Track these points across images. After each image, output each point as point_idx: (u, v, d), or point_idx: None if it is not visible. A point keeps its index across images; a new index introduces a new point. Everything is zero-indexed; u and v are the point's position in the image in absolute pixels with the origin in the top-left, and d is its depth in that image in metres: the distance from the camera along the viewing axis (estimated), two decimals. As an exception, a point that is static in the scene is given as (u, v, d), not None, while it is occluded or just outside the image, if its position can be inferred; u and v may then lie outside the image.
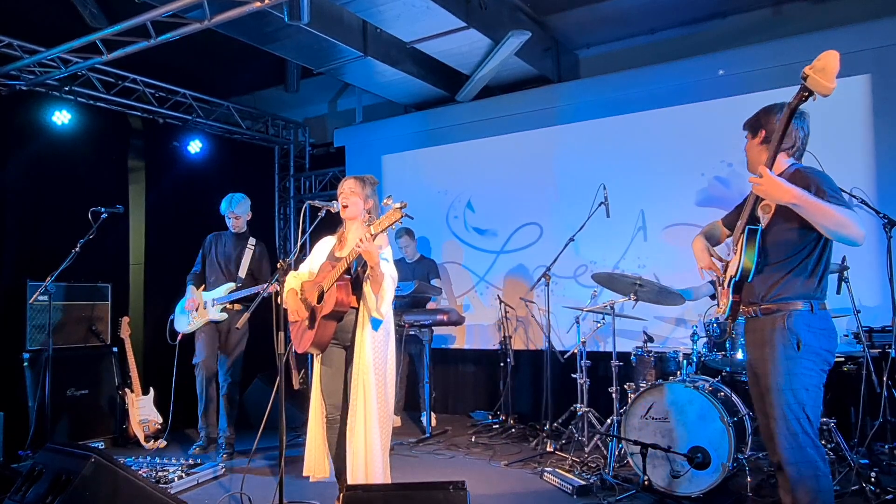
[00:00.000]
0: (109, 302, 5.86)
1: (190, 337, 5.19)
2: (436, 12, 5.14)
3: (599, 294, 5.20)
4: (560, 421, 5.37)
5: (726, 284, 2.72)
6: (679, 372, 4.36)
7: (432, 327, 5.78)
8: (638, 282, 4.46)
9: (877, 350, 4.25)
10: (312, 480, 3.51)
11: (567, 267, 6.01)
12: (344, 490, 2.86)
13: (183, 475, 4.15)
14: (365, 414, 3.24)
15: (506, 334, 5.99)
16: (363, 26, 5.67)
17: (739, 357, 4.01)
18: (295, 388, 5.99)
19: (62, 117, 5.82)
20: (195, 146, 6.99)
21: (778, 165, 2.59)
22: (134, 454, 4.98)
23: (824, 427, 3.89)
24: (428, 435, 5.60)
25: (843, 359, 4.44)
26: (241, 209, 5.17)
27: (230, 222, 5.18)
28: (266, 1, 4.41)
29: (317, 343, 3.34)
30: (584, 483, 3.88)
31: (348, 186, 3.50)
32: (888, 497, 3.52)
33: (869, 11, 5.16)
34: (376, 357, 3.30)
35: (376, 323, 3.30)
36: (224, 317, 5.06)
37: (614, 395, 4.56)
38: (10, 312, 5.32)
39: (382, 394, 3.31)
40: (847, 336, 4.50)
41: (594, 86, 6.31)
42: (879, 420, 4.02)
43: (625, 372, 4.77)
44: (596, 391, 5.09)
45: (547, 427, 5.21)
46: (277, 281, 3.22)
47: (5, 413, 4.84)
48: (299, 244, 4.29)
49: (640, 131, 5.88)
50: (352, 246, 3.28)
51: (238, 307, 5.08)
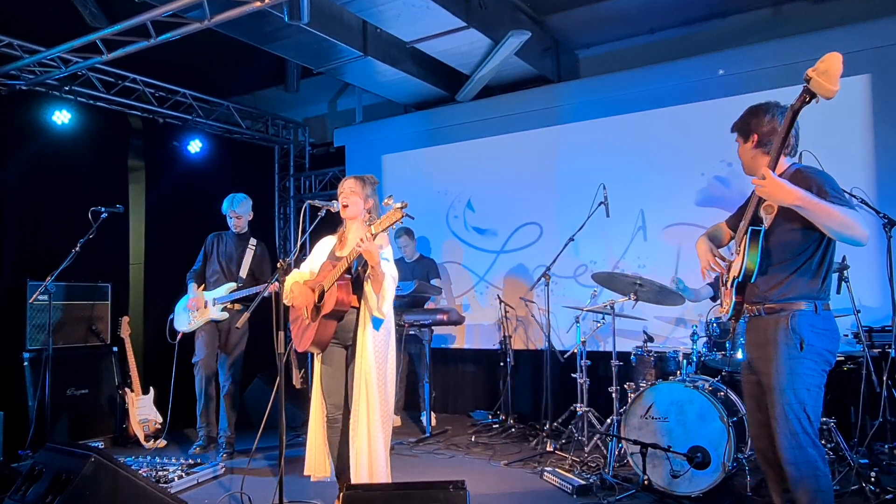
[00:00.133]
0: (109, 301, 5.87)
1: (190, 336, 5.20)
2: (436, 12, 5.14)
3: (599, 294, 5.20)
4: (560, 421, 5.37)
5: (729, 285, 2.71)
6: (679, 372, 4.36)
7: (432, 327, 5.79)
8: (638, 281, 4.46)
9: (877, 350, 4.24)
10: (313, 480, 3.52)
11: (567, 267, 6.01)
12: (344, 489, 2.86)
13: (183, 475, 4.16)
14: (368, 414, 3.25)
15: (506, 334, 5.99)
16: (363, 26, 5.67)
17: (739, 357, 4.01)
18: (296, 387, 6.01)
19: (62, 117, 5.82)
20: (195, 146, 6.98)
21: (779, 166, 2.59)
22: (134, 454, 4.98)
23: (824, 427, 3.89)
24: (428, 434, 5.60)
25: (843, 358, 4.44)
26: (243, 209, 5.18)
27: (232, 222, 5.19)
28: (266, 1, 4.40)
29: (317, 342, 3.34)
30: (584, 483, 3.88)
31: (348, 186, 3.50)
32: (888, 497, 3.52)
33: (869, 11, 5.15)
34: (378, 356, 3.31)
35: (377, 322, 3.31)
36: (225, 316, 5.07)
37: (614, 395, 4.57)
38: (10, 312, 5.33)
39: (383, 393, 3.32)
40: (847, 336, 4.50)
41: (594, 86, 6.31)
42: (879, 420, 4.02)
43: (625, 372, 4.77)
44: (596, 391, 5.10)
45: (547, 427, 5.21)
46: (277, 280, 3.22)
47: (5, 412, 4.84)
48: (299, 244, 4.29)
49: (640, 131, 5.88)
50: (352, 245, 3.28)
51: (238, 307, 5.09)
